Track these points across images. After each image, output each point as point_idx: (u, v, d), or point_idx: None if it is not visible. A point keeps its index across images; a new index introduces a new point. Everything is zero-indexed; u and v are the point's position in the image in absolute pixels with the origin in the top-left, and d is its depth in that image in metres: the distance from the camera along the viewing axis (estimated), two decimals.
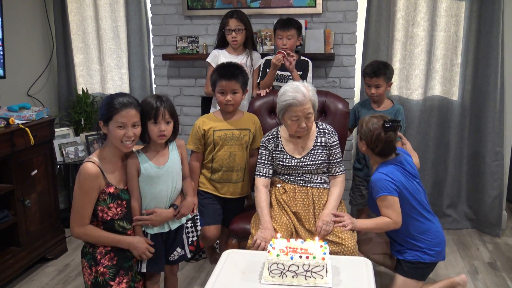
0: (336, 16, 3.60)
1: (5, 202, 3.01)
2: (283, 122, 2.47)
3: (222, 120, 2.67)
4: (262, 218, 2.36)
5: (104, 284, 2.10)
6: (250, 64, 3.32)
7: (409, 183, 2.42)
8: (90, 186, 2.03)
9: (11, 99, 3.62)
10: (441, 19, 3.56)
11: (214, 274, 1.96)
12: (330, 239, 2.28)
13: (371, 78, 3.02)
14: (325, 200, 2.44)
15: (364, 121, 2.45)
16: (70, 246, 3.54)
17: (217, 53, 3.33)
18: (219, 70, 2.64)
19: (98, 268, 2.11)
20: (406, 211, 2.41)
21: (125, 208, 2.13)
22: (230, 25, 3.23)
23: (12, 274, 2.98)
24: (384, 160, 2.43)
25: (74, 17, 4.08)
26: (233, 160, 2.64)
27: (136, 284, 2.25)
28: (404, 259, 2.44)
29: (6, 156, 2.92)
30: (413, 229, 2.42)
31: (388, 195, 2.34)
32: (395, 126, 2.36)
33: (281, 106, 2.38)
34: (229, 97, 2.58)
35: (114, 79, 4.16)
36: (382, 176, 2.37)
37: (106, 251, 2.12)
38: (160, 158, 2.21)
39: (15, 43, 3.69)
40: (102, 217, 2.08)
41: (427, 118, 3.72)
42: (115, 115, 2.03)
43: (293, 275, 1.84)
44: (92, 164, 2.05)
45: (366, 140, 2.42)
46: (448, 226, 3.80)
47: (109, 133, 2.08)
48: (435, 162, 3.78)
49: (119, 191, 2.11)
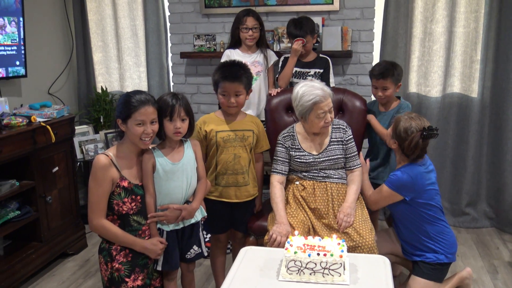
0: (354, 13, 3.58)
1: (27, 199, 3.07)
2: (307, 122, 2.44)
3: (224, 121, 2.55)
4: (277, 213, 2.38)
5: (120, 280, 2.13)
6: (264, 62, 3.32)
7: (434, 185, 2.43)
8: (103, 177, 2.06)
9: (33, 97, 3.69)
10: (460, 15, 3.51)
11: (232, 270, 1.98)
12: (349, 233, 2.28)
13: (378, 80, 2.82)
14: (344, 195, 2.44)
15: (402, 121, 2.39)
16: (90, 242, 3.60)
17: (229, 53, 3.32)
18: (221, 71, 2.49)
19: (114, 264, 2.14)
20: (428, 213, 2.41)
21: (139, 203, 2.15)
22: (247, 23, 3.22)
23: (34, 268, 3.04)
24: (414, 161, 2.42)
25: (93, 16, 4.13)
26: (238, 162, 2.53)
27: (153, 282, 2.27)
28: (423, 261, 2.43)
29: (28, 153, 2.98)
30: (432, 231, 2.42)
31: (394, 191, 2.39)
32: (434, 134, 2.33)
33: (306, 106, 2.37)
34: (233, 100, 2.46)
35: (132, 77, 4.21)
36: (406, 178, 2.37)
37: (121, 248, 2.15)
38: (175, 155, 2.23)
39: (36, 43, 3.75)
40: (118, 210, 2.11)
41: (446, 115, 3.68)
42: (133, 113, 2.06)
43: (310, 272, 1.85)
44: (104, 156, 2.09)
45: (400, 142, 2.39)
46: (467, 225, 3.76)
47: (127, 130, 2.10)
48: (454, 160, 3.75)
49: (133, 186, 2.13)
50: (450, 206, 3.82)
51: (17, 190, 2.92)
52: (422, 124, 2.34)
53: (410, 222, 2.46)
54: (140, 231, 2.17)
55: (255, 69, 3.22)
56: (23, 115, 3.08)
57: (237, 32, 3.28)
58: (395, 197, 2.41)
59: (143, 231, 2.18)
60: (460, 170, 3.75)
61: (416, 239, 2.45)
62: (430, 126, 2.34)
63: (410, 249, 2.50)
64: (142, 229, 2.18)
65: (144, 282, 2.20)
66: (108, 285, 2.16)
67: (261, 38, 3.31)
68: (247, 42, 3.26)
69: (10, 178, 2.93)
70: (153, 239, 2.18)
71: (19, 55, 3.40)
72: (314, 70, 3.22)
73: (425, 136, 2.31)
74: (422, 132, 2.31)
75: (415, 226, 2.44)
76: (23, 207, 3.02)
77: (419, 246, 2.45)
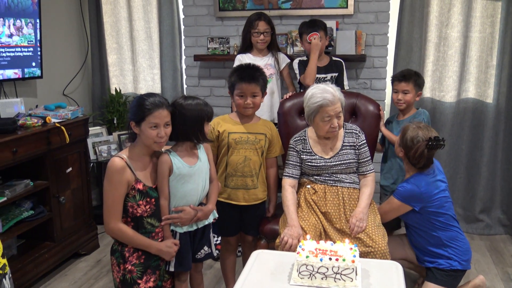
0: (368, 17, 3.57)
1: (41, 198, 3.10)
2: (314, 125, 2.46)
3: (238, 123, 2.58)
4: (288, 216, 2.37)
5: (132, 282, 2.14)
6: (276, 65, 3.32)
7: (443, 192, 2.41)
8: (118, 180, 2.06)
9: (48, 98, 3.73)
10: (476, 20, 3.49)
11: (244, 273, 1.97)
12: (362, 239, 2.27)
13: (399, 82, 2.86)
14: (355, 200, 2.43)
15: (409, 130, 2.40)
16: (102, 242, 3.62)
17: (241, 58, 3.33)
18: (238, 72, 2.53)
19: (126, 266, 2.14)
20: (439, 220, 2.40)
21: (153, 205, 2.16)
22: (259, 27, 3.22)
23: (47, 268, 3.07)
24: (420, 171, 2.42)
25: (108, 19, 4.17)
26: (247, 164, 2.55)
27: (164, 283, 2.27)
28: (437, 268, 2.42)
29: (42, 154, 3.01)
30: (444, 237, 2.41)
31: (403, 203, 2.40)
32: (440, 145, 2.32)
33: (312, 108, 2.39)
34: (249, 101, 2.49)
35: (146, 79, 4.24)
36: (413, 189, 2.38)
37: (134, 249, 2.15)
38: (191, 158, 2.24)
39: (52, 44, 3.80)
40: (132, 212, 2.12)
41: (460, 121, 3.65)
42: (148, 116, 2.06)
43: (322, 277, 1.84)
44: (119, 159, 2.08)
45: (406, 151, 2.40)
46: (480, 232, 3.72)
47: (141, 133, 2.11)
48: (468, 165, 3.71)
49: (147, 188, 2.14)
50: (463, 213, 3.78)
51: (31, 190, 2.95)
52: (429, 134, 2.34)
53: (422, 229, 2.45)
54: (153, 233, 2.18)
55: (267, 71, 3.21)
56: (38, 115, 3.11)
57: (248, 36, 3.28)
58: (404, 208, 2.42)
59: (156, 233, 2.19)
60: (474, 176, 3.71)
61: (429, 246, 2.44)
62: (436, 137, 2.33)
63: (423, 256, 2.48)
64: (155, 231, 2.19)
65: (156, 284, 2.20)
66: (120, 287, 2.16)
67: (272, 42, 3.32)
68: (258, 45, 3.27)
69: (24, 178, 2.97)
70: (168, 241, 2.19)
71: (35, 56, 3.44)
72: (330, 75, 3.21)
73: (431, 146, 2.31)
74: (428, 142, 2.31)
75: (427, 233, 2.43)
76: (37, 207, 3.06)
77: (432, 252, 2.44)
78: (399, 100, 2.87)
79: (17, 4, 3.22)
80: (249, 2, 3.73)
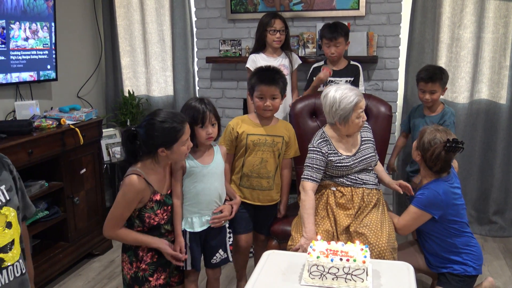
0: (380, 18, 3.57)
1: (56, 199, 3.15)
2: (348, 124, 2.40)
3: (257, 124, 2.60)
4: (307, 226, 2.32)
5: (144, 280, 2.17)
6: (289, 66, 3.33)
7: (460, 200, 2.38)
8: (133, 198, 2.07)
9: (62, 100, 3.78)
10: (489, 21, 3.46)
11: (255, 274, 1.98)
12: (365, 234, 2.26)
13: (426, 83, 2.90)
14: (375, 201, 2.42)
15: (426, 133, 2.35)
16: (115, 243, 3.65)
17: (254, 57, 3.35)
18: (258, 75, 2.57)
19: (140, 265, 2.17)
20: (455, 227, 2.36)
21: (169, 212, 2.19)
22: (275, 25, 3.23)
23: (61, 268, 3.11)
24: (437, 177, 2.37)
25: (121, 22, 4.22)
26: (264, 166, 2.57)
27: (172, 278, 2.31)
28: (451, 273, 2.38)
29: (57, 155, 3.06)
30: (459, 244, 2.37)
31: (423, 211, 2.33)
32: (458, 147, 2.26)
33: (348, 108, 2.35)
34: (269, 103, 2.51)
35: (159, 82, 4.27)
36: (433, 195, 2.31)
37: (148, 249, 2.18)
38: (206, 158, 2.27)
39: (67, 47, 3.85)
40: (149, 223, 2.13)
41: (473, 122, 3.63)
42: (181, 136, 2.06)
43: (333, 277, 1.85)
44: (138, 177, 2.06)
45: (423, 153, 2.35)
46: (494, 234, 3.68)
47: (172, 153, 2.08)
48: (482, 167, 3.68)
49: (164, 197, 2.17)
50: (477, 215, 3.75)
51: (46, 190, 3.00)
52: (447, 137, 2.29)
53: (438, 236, 2.39)
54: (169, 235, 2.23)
55: None
56: (53, 117, 3.16)
57: (263, 35, 3.29)
58: (424, 216, 2.34)
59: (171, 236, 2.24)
60: (488, 177, 3.69)
61: (444, 252, 2.39)
62: (455, 139, 2.27)
63: (436, 262, 2.43)
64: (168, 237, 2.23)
65: (165, 281, 2.24)
66: (131, 283, 2.20)
67: (286, 42, 3.33)
68: (274, 44, 3.28)
69: (39, 179, 3.02)
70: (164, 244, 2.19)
71: (50, 59, 3.49)
72: (345, 79, 3.22)
73: (449, 148, 2.25)
74: (445, 144, 2.26)
75: (442, 240, 2.38)
76: (51, 208, 3.10)
77: (446, 258, 2.39)
78: (427, 99, 2.94)
79: (33, 8, 3.28)
80: (260, 4, 3.75)
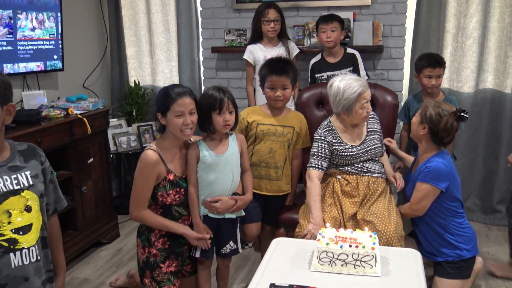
0: (385, 7, 3.57)
1: (64, 188, 3.14)
2: (352, 114, 2.42)
3: (268, 115, 2.62)
4: (314, 212, 2.35)
5: (155, 265, 2.22)
6: (287, 55, 3.35)
7: (457, 175, 2.40)
8: (150, 173, 2.12)
9: (69, 90, 3.80)
10: (495, 10, 3.46)
11: (264, 261, 2.01)
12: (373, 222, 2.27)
13: (434, 68, 2.98)
14: (381, 189, 2.44)
15: (430, 105, 2.35)
16: (123, 231, 3.69)
17: (252, 48, 3.37)
18: (269, 65, 2.58)
19: (151, 250, 2.21)
20: (451, 206, 2.36)
21: (183, 195, 2.21)
22: (269, 15, 3.25)
23: (69, 256, 3.14)
24: (441, 149, 2.39)
25: (127, 12, 4.22)
26: (272, 156, 2.59)
27: (185, 267, 2.36)
28: (446, 261, 2.38)
29: (65, 145, 3.08)
30: (454, 225, 2.37)
31: (431, 184, 2.31)
32: (465, 117, 2.31)
33: (351, 98, 2.37)
34: (279, 93, 2.52)
35: (164, 72, 4.28)
36: (443, 168, 2.31)
37: (160, 235, 2.22)
38: (221, 147, 2.28)
39: (73, 37, 3.86)
40: (162, 201, 2.17)
41: (478, 111, 3.64)
42: (172, 105, 2.11)
43: (342, 264, 1.87)
44: (153, 152, 2.13)
45: (433, 126, 2.32)
46: (498, 223, 3.70)
47: (168, 123, 2.15)
48: (486, 156, 3.70)
49: (177, 178, 2.19)
50: (481, 204, 3.77)
51: None
52: (451, 108, 2.33)
53: (433, 218, 2.39)
54: (180, 220, 2.25)
55: None
56: (60, 107, 3.18)
57: (258, 25, 3.31)
58: (435, 191, 2.32)
59: (183, 220, 2.26)
60: (492, 167, 3.70)
61: (438, 236, 2.39)
62: (460, 108, 2.33)
63: (431, 249, 2.43)
64: (182, 218, 2.25)
65: (177, 269, 2.27)
66: (143, 267, 2.25)
67: (282, 31, 3.34)
68: (269, 34, 3.29)
69: None
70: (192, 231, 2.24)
71: (56, 49, 3.50)
72: (344, 70, 3.23)
73: (459, 117, 2.30)
74: (456, 113, 2.30)
75: (437, 222, 2.38)
76: None
77: (440, 243, 2.39)
78: (433, 85, 3.01)
79: None
80: None
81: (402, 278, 1.86)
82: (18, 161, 1.63)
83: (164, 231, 2.22)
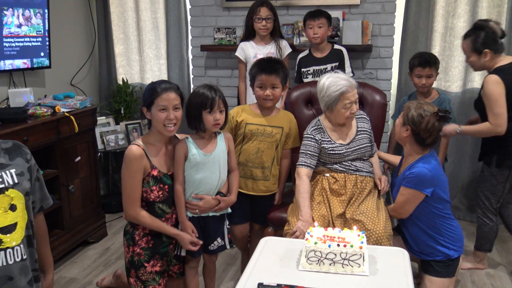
0: (374, 7, 3.58)
1: (51, 187, 3.13)
2: (334, 113, 2.43)
3: (257, 114, 2.61)
4: (303, 209, 2.35)
5: (139, 264, 2.21)
6: (278, 53, 3.34)
7: (444, 177, 2.40)
8: (136, 168, 2.11)
9: (56, 88, 3.76)
10: (482, 10, 3.48)
11: (253, 260, 2.00)
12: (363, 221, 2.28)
13: (424, 68, 2.99)
14: (369, 188, 2.45)
15: (412, 106, 2.34)
16: (110, 231, 3.67)
17: (244, 45, 3.37)
18: (259, 64, 2.58)
19: (135, 249, 2.20)
20: (439, 207, 2.37)
21: (166, 192, 2.19)
22: (261, 13, 3.25)
23: (56, 255, 3.11)
24: (425, 152, 2.37)
25: (115, 9, 4.19)
26: (260, 156, 2.58)
27: (172, 267, 2.35)
28: (434, 260, 2.40)
29: (52, 143, 3.05)
30: (442, 225, 2.38)
31: (415, 190, 2.31)
32: (447, 117, 2.30)
33: (333, 96, 2.38)
34: (268, 92, 2.51)
35: (153, 70, 4.26)
36: (426, 173, 2.30)
37: (144, 234, 2.20)
38: (209, 146, 2.27)
39: (60, 34, 3.82)
40: (145, 197, 2.16)
41: (466, 111, 3.66)
42: (156, 99, 2.11)
43: (330, 263, 1.87)
44: (136, 146, 2.12)
45: (415, 127, 2.32)
46: None
47: (152, 118, 2.15)
48: (473, 156, 3.71)
49: (161, 175, 2.17)
50: (468, 202, 3.80)
51: None
52: (433, 109, 2.32)
53: (420, 218, 2.39)
54: (163, 218, 2.23)
55: None
56: (47, 105, 3.14)
57: (250, 22, 3.32)
58: (418, 196, 2.32)
59: (166, 219, 2.24)
60: (479, 166, 3.72)
61: (426, 237, 2.40)
62: (442, 109, 2.32)
63: (419, 248, 2.44)
64: (165, 217, 2.23)
65: (162, 269, 2.26)
66: (128, 267, 2.25)
67: (274, 29, 3.34)
68: (261, 32, 3.29)
69: None
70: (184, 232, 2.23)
71: (43, 47, 3.46)
72: (330, 65, 3.24)
73: (440, 117, 2.28)
74: (437, 113, 2.29)
75: (425, 223, 2.38)
76: None
77: (429, 243, 2.40)
78: (423, 84, 3.03)
79: None
80: None
81: (390, 277, 1.87)
82: (3, 159, 1.62)
83: (147, 230, 2.20)
